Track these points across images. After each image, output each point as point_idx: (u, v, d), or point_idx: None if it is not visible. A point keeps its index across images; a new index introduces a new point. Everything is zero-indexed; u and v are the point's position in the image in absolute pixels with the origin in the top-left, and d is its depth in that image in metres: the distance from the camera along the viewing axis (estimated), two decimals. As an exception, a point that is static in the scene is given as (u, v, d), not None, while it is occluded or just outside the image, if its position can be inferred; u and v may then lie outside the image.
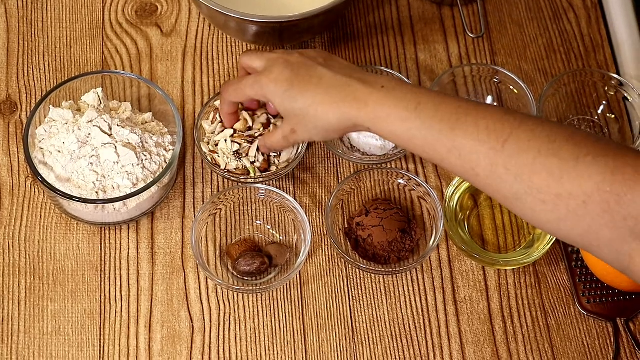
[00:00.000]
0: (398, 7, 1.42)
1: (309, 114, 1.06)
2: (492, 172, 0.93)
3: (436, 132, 0.97)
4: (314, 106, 1.06)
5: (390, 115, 1.00)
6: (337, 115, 1.04)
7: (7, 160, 1.27)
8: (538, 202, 0.90)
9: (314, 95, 1.06)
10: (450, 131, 0.96)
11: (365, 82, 1.04)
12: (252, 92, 1.12)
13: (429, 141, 0.98)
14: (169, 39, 1.37)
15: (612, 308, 1.20)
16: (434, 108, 0.98)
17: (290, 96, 1.07)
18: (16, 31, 1.37)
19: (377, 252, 1.21)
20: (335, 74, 1.06)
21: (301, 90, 1.07)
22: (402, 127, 0.99)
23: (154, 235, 1.23)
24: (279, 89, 1.08)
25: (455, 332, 1.19)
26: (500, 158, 0.92)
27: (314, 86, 1.06)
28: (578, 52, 1.39)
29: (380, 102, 1.01)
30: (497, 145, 0.93)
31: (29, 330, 1.17)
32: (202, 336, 1.17)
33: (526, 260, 1.20)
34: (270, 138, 1.17)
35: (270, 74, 1.09)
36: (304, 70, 1.08)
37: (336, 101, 1.04)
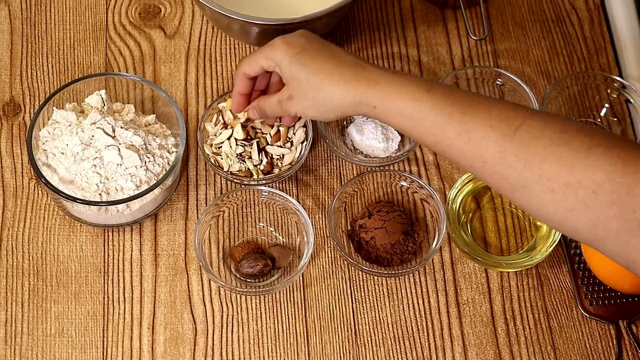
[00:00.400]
0: (401, 9, 1.42)
1: (314, 82, 1.05)
2: (501, 159, 0.92)
3: (447, 114, 0.96)
4: (321, 75, 1.04)
5: (401, 94, 0.99)
6: (343, 89, 1.03)
7: (11, 161, 1.27)
8: (547, 190, 0.89)
9: (324, 66, 1.04)
10: (461, 115, 0.95)
11: (377, 67, 1.03)
12: (262, 56, 1.10)
13: (438, 123, 0.97)
14: (172, 41, 1.37)
15: (614, 310, 1.20)
16: (447, 93, 0.98)
17: (299, 61, 1.06)
18: (20, 33, 1.37)
19: (379, 255, 1.21)
20: (348, 54, 1.06)
21: (311, 57, 1.05)
22: (412, 107, 0.98)
23: (157, 237, 1.23)
24: (290, 51, 1.06)
25: (458, 334, 1.19)
26: (511, 145, 0.91)
27: (325, 57, 1.05)
28: (581, 55, 1.39)
29: (392, 82, 1.00)
30: (508, 131, 0.92)
31: (32, 332, 1.17)
32: (205, 338, 1.17)
33: (529, 262, 1.20)
34: (265, 100, 1.14)
35: (285, 37, 1.08)
36: (318, 43, 1.07)
37: (345, 75, 1.03)
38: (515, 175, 0.91)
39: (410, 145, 1.27)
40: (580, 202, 0.88)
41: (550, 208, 0.90)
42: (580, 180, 0.87)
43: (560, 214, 0.90)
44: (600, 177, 0.86)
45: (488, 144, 0.93)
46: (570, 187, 0.88)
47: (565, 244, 1.24)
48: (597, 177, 0.86)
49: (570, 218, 0.89)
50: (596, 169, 0.87)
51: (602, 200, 0.86)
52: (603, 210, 0.87)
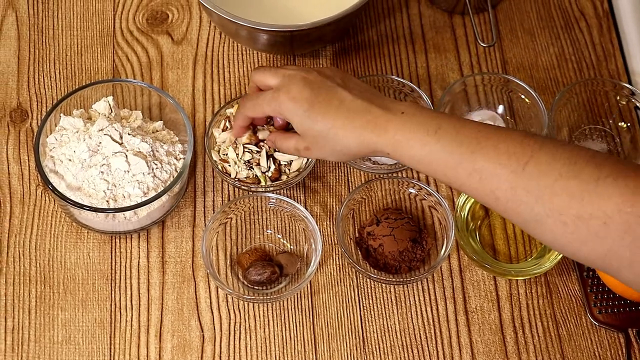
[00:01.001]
0: (409, 15, 1.42)
1: (328, 136, 1.05)
2: (512, 195, 0.93)
3: (457, 155, 0.97)
4: (334, 130, 1.05)
5: (410, 140, 1.00)
6: (357, 140, 1.04)
7: (18, 168, 1.27)
8: (559, 224, 0.90)
9: (335, 119, 1.05)
10: (470, 155, 0.96)
11: (385, 108, 1.03)
12: (269, 109, 1.10)
13: (449, 165, 0.97)
14: (180, 47, 1.37)
15: (623, 319, 1.20)
16: (454, 132, 0.98)
17: (309, 117, 1.06)
18: (27, 39, 1.37)
19: (387, 262, 1.21)
20: (355, 98, 1.05)
21: (321, 112, 1.05)
22: (422, 151, 0.99)
23: (165, 244, 1.23)
24: (299, 108, 1.06)
25: (467, 342, 1.18)
26: (521, 181, 0.92)
27: (334, 109, 1.05)
28: (589, 61, 1.39)
29: (400, 128, 1.01)
30: (517, 168, 0.92)
31: (39, 339, 1.17)
32: (213, 345, 1.17)
33: (537, 270, 1.20)
34: (283, 143, 1.15)
35: (289, 91, 1.07)
36: (324, 91, 1.07)
37: (357, 126, 1.03)
38: (528, 210, 0.92)
39: (418, 152, 1.27)
40: (592, 234, 0.88)
41: (564, 240, 0.91)
42: (591, 213, 0.88)
43: (573, 246, 0.91)
44: (610, 208, 0.87)
45: (499, 181, 0.93)
46: (582, 220, 0.88)
47: (574, 251, 1.23)
48: (607, 208, 0.87)
49: (584, 250, 0.90)
50: (606, 200, 0.87)
51: (613, 230, 0.87)
52: (615, 241, 0.87)
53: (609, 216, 0.87)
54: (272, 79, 1.11)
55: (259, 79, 1.13)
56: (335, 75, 1.09)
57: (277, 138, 1.16)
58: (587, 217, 0.88)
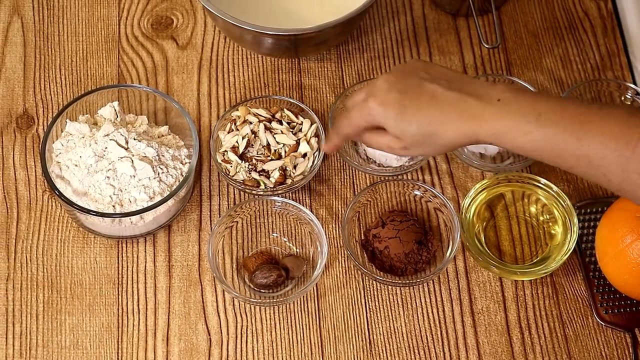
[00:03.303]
0: (413, 17, 1.42)
1: (427, 134, 1.02)
2: (624, 178, 0.92)
3: (561, 142, 0.95)
4: (432, 127, 1.01)
5: (511, 130, 0.97)
6: (456, 133, 1.01)
7: (25, 174, 1.27)
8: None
9: (429, 116, 1.01)
10: (576, 141, 0.94)
11: (479, 97, 1.00)
12: (362, 120, 1.06)
13: (555, 152, 0.96)
14: (185, 52, 1.38)
15: (630, 318, 1.20)
16: (555, 117, 0.96)
17: (403, 119, 1.02)
18: (33, 45, 1.37)
19: (393, 264, 1.21)
20: (445, 90, 1.02)
21: (414, 112, 1.02)
22: (525, 139, 0.97)
23: (171, 248, 1.23)
24: (390, 112, 1.03)
25: (473, 343, 1.18)
26: (632, 164, 0.91)
27: (426, 105, 1.02)
28: (594, 62, 1.39)
29: (498, 117, 0.98)
30: (626, 151, 0.91)
31: (47, 344, 1.17)
32: (220, 349, 1.17)
33: (543, 271, 1.20)
34: (375, 141, 1.09)
35: (376, 98, 1.04)
36: (410, 89, 1.03)
37: (453, 119, 1.00)
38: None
39: (423, 154, 1.27)
40: None
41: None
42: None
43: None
44: None
45: (609, 164, 0.92)
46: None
47: (580, 252, 1.23)
48: None
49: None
50: None
51: None
52: None
53: None
54: (358, 95, 1.08)
55: (349, 104, 1.10)
56: (418, 68, 1.05)
57: (368, 136, 1.10)
58: None
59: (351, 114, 1.07)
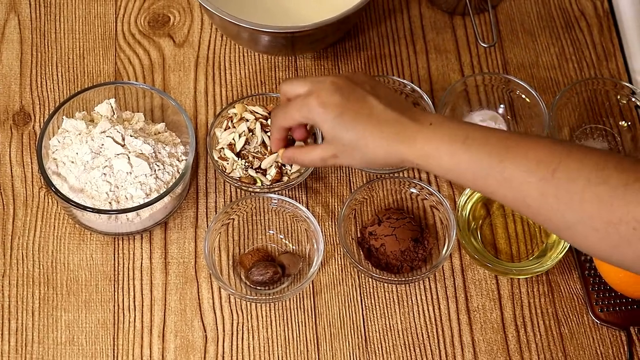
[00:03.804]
0: (410, 16, 1.42)
1: (358, 145, 1.03)
2: (543, 202, 0.92)
3: (486, 165, 0.96)
4: (364, 139, 1.03)
5: (438, 150, 0.99)
6: (386, 150, 1.02)
7: (21, 170, 1.27)
8: (590, 230, 0.90)
9: (365, 128, 1.03)
10: (499, 163, 0.95)
11: (414, 119, 1.02)
12: (299, 116, 1.07)
13: (479, 175, 0.97)
14: (182, 50, 1.38)
15: (625, 317, 1.20)
16: (482, 141, 0.97)
17: (340, 123, 1.03)
18: (29, 42, 1.37)
19: (389, 262, 1.21)
20: (385, 108, 1.03)
21: (352, 120, 1.03)
22: (451, 161, 0.98)
23: (167, 245, 1.23)
24: (329, 114, 1.04)
25: (469, 341, 1.19)
26: (551, 188, 0.91)
27: (365, 117, 1.03)
28: (590, 61, 1.39)
29: (428, 139, 1.00)
30: (546, 175, 0.92)
31: (42, 341, 1.17)
32: (215, 346, 1.17)
33: (539, 269, 1.20)
34: (305, 155, 1.12)
35: (319, 97, 1.05)
36: (353, 98, 1.04)
37: (387, 137, 1.02)
38: (559, 216, 0.92)
39: (419, 152, 1.27)
40: (623, 239, 0.88)
41: (595, 246, 0.91)
42: (620, 218, 0.88)
43: (606, 251, 0.91)
44: (639, 213, 0.87)
45: (529, 188, 0.93)
46: (612, 225, 0.88)
47: (575, 250, 1.23)
48: (636, 213, 0.87)
49: (615, 254, 0.90)
50: (634, 205, 0.87)
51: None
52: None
53: (638, 221, 0.87)
54: (300, 86, 1.08)
55: (288, 90, 1.10)
56: (365, 82, 1.06)
57: (297, 153, 1.13)
58: (616, 222, 0.88)
59: (289, 108, 1.08)
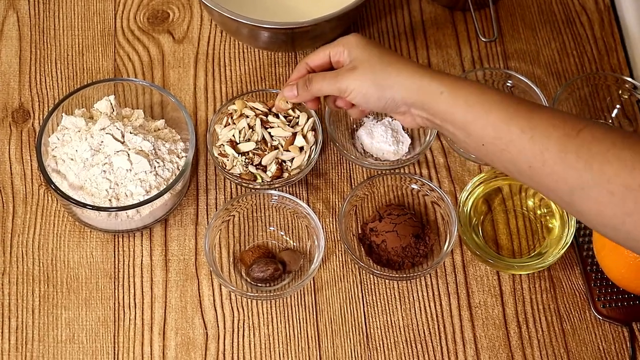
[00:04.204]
0: (410, 11, 1.42)
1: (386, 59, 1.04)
2: (562, 159, 0.91)
3: (513, 109, 0.95)
4: (395, 56, 1.04)
5: (471, 84, 0.99)
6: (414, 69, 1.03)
7: (20, 168, 1.27)
8: (605, 193, 0.88)
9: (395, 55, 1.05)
10: (527, 112, 0.94)
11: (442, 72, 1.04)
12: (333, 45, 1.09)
13: (502, 116, 0.96)
14: (181, 46, 1.37)
15: (627, 312, 1.20)
16: (515, 98, 0.97)
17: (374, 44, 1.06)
18: (28, 39, 1.37)
19: (391, 258, 1.21)
20: None
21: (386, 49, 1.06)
22: (480, 96, 0.98)
23: (167, 242, 1.23)
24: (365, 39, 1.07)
25: (470, 337, 1.18)
26: (573, 145, 0.90)
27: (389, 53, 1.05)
28: (591, 56, 1.39)
29: (461, 79, 1.01)
30: (572, 132, 0.91)
31: (43, 339, 1.17)
32: (216, 343, 1.17)
33: (541, 265, 1.19)
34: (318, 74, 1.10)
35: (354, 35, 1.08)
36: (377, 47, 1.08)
37: (418, 65, 1.03)
38: (576, 176, 0.90)
39: (420, 148, 1.27)
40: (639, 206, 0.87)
41: (608, 212, 0.89)
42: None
43: (618, 219, 0.89)
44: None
45: (550, 142, 0.92)
46: (631, 191, 0.87)
47: (577, 246, 1.23)
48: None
49: (628, 223, 0.88)
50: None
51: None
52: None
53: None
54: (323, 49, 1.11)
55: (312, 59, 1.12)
56: None
57: (311, 74, 1.11)
58: (635, 187, 0.86)
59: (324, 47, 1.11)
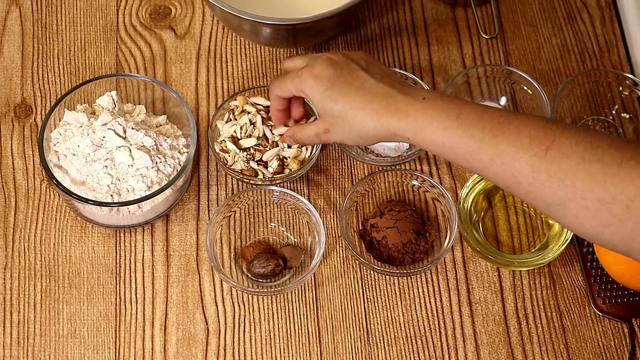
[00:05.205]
0: (411, 8, 1.42)
1: (347, 117, 1.05)
2: (534, 179, 0.92)
3: (478, 140, 0.96)
4: (353, 111, 1.05)
5: (431, 124, 0.99)
6: (376, 123, 1.03)
7: (22, 163, 1.27)
8: (581, 208, 0.90)
9: (354, 100, 1.05)
10: (492, 138, 0.95)
11: (406, 94, 1.03)
12: (292, 87, 1.11)
13: (471, 149, 0.97)
14: (183, 42, 1.38)
15: (627, 308, 1.20)
16: (475, 116, 0.97)
17: (329, 96, 1.06)
18: (31, 34, 1.37)
19: (391, 254, 1.21)
20: (377, 82, 1.05)
21: (342, 92, 1.06)
22: (443, 135, 0.99)
23: (169, 237, 1.23)
24: (319, 86, 1.07)
25: (470, 333, 1.19)
26: (543, 164, 0.91)
27: (355, 90, 1.05)
28: (592, 52, 1.39)
29: (421, 112, 1.00)
30: (540, 151, 0.92)
31: (44, 333, 1.17)
32: (217, 338, 1.17)
33: (541, 261, 1.20)
34: (302, 132, 1.15)
35: (312, 69, 1.08)
36: (346, 72, 1.07)
37: (376, 109, 1.03)
38: (550, 193, 0.92)
39: (421, 144, 1.27)
40: (615, 218, 0.88)
41: (586, 224, 0.91)
42: (613, 196, 0.87)
43: (595, 230, 0.90)
44: (632, 191, 0.87)
45: (521, 165, 0.93)
46: (604, 203, 0.88)
47: (577, 242, 1.23)
48: (629, 191, 0.87)
49: (606, 233, 0.90)
50: (628, 183, 0.87)
51: (636, 214, 0.87)
52: (637, 224, 0.87)
53: (631, 199, 0.86)
54: (299, 61, 1.13)
55: (289, 65, 1.15)
56: (360, 58, 1.09)
57: (295, 130, 1.16)
58: (609, 200, 0.87)
59: (285, 78, 1.12)
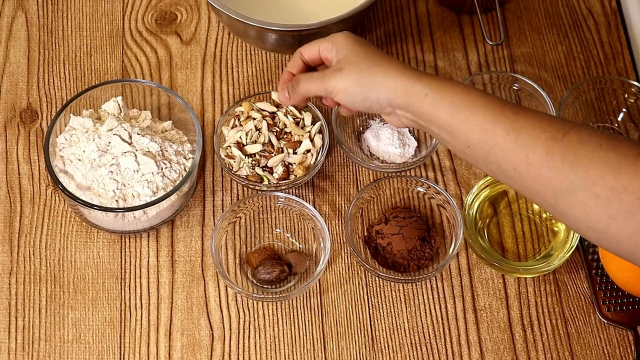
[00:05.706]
0: (417, 14, 1.42)
1: (373, 58, 1.04)
2: (547, 161, 0.90)
3: (499, 110, 0.95)
4: (382, 56, 1.04)
5: (457, 86, 0.99)
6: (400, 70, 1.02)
7: (28, 168, 1.27)
8: (591, 195, 0.88)
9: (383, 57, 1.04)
10: (512, 114, 0.94)
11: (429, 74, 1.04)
12: (323, 42, 1.09)
13: (488, 118, 0.95)
14: (189, 47, 1.38)
15: (632, 316, 1.20)
16: (498, 100, 0.97)
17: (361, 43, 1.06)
18: (37, 40, 1.37)
19: (396, 260, 1.21)
20: None
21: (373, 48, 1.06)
22: (465, 98, 0.97)
23: (174, 243, 1.23)
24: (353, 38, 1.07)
25: (475, 340, 1.18)
26: (559, 147, 0.90)
27: (387, 55, 1.05)
28: (597, 59, 1.39)
29: (447, 80, 1.00)
30: (557, 134, 0.91)
31: (49, 338, 1.17)
32: (222, 344, 1.17)
33: (546, 268, 1.20)
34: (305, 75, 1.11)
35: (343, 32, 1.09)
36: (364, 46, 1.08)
37: (404, 66, 1.03)
38: (560, 178, 0.90)
39: (426, 151, 1.27)
40: (624, 209, 0.86)
41: (593, 214, 0.89)
42: (625, 186, 0.86)
43: (602, 221, 0.88)
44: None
45: (536, 144, 0.91)
46: (615, 193, 0.86)
47: (582, 249, 1.23)
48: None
49: (613, 225, 0.88)
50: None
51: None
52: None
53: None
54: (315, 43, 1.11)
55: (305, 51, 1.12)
56: None
57: (299, 75, 1.12)
58: (620, 190, 0.86)
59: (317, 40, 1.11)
